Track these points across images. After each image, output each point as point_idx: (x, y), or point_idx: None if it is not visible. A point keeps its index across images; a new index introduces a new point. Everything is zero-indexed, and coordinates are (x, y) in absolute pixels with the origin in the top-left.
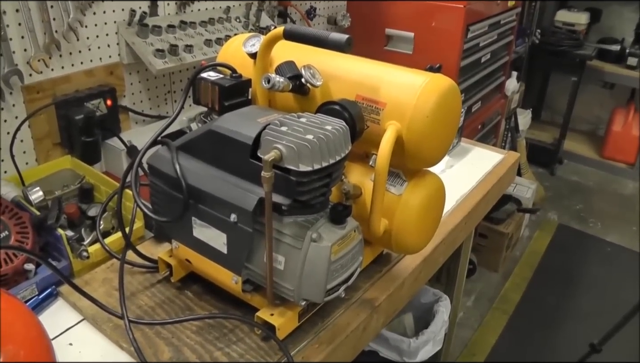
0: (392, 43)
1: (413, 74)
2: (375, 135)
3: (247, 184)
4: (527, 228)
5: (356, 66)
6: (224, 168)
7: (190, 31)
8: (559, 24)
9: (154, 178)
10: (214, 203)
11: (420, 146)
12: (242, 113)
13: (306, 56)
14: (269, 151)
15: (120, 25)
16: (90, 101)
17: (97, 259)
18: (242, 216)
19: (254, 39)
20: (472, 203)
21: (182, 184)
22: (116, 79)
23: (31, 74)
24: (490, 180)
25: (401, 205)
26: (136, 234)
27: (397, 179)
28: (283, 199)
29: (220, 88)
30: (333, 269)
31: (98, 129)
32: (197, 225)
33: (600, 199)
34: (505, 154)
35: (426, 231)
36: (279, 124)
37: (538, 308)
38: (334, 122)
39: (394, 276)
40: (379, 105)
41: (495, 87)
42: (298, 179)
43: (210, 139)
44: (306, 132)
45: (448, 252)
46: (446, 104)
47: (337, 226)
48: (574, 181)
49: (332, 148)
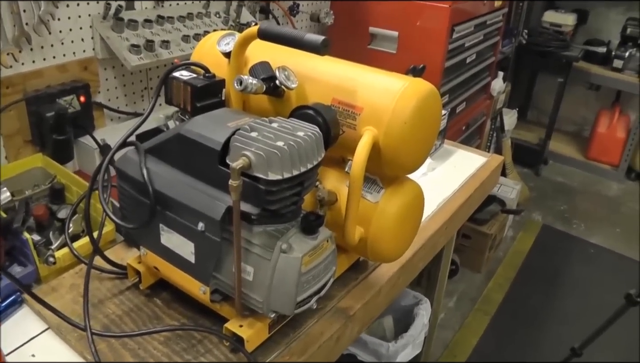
0: (375, 42)
1: (392, 77)
2: (351, 140)
3: (216, 191)
4: (511, 229)
5: (333, 68)
6: (192, 173)
7: (167, 26)
8: (546, 25)
9: (121, 181)
10: (182, 211)
11: (397, 152)
12: (212, 116)
13: (282, 56)
14: (238, 158)
15: (95, 18)
16: (62, 97)
17: (65, 264)
18: (210, 225)
19: (229, 37)
20: (454, 207)
21: (149, 189)
22: (90, 75)
23: (0, 69)
24: (473, 184)
25: (377, 213)
26: (107, 237)
27: (373, 186)
28: (252, 208)
29: (193, 88)
30: (304, 280)
31: (70, 126)
32: (164, 232)
33: (585, 200)
34: (488, 157)
35: (403, 239)
36: (249, 130)
37: (520, 309)
38: (306, 128)
39: (370, 284)
40: (355, 110)
41: (480, 87)
42: (267, 188)
43: (178, 144)
44: (277, 138)
45: (428, 257)
46: (425, 109)
47: (309, 237)
48: (559, 181)
49: (303, 156)
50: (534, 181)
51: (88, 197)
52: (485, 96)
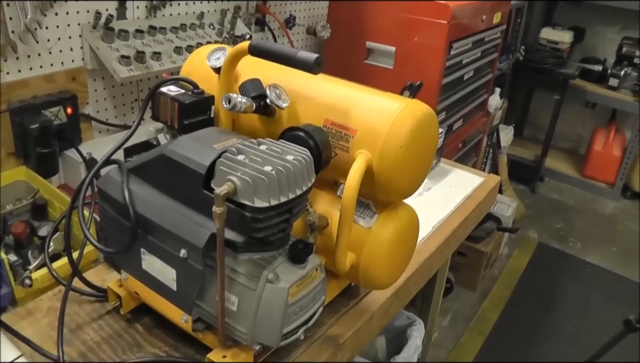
0: (372, 56)
1: (387, 99)
2: (344, 163)
3: (200, 216)
4: (507, 246)
5: (327, 87)
6: (176, 196)
7: (159, 37)
8: (543, 42)
9: (102, 202)
10: (164, 236)
11: (392, 177)
12: (198, 137)
13: (274, 73)
14: (223, 183)
15: (84, 27)
16: (48, 108)
17: (43, 285)
18: (193, 252)
19: (219, 52)
20: (449, 229)
21: (130, 212)
22: (79, 85)
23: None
24: (469, 205)
25: (370, 239)
26: (89, 257)
27: (366, 210)
28: (237, 236)
29: (180, 105)
30: (291, 312)
31: (55, 139)
32: (145, 257)
33: (581, 218)
34: (485, 177)
35: (397, 266)
36: (236, 152)
37: (515, 329)
38: (296, 151)
39: (361, 310)
40: (349, 131)
41: (477, 104)
42: (253, 216)
43: (162, 165)
44: (265, 162)
45: (422, 282)
46: (422, 133)
47: (297, 266)
48: (555, 199)
49: (292, 181)
50: (529, 198)
51: (68, 216)
52: (482, 113)
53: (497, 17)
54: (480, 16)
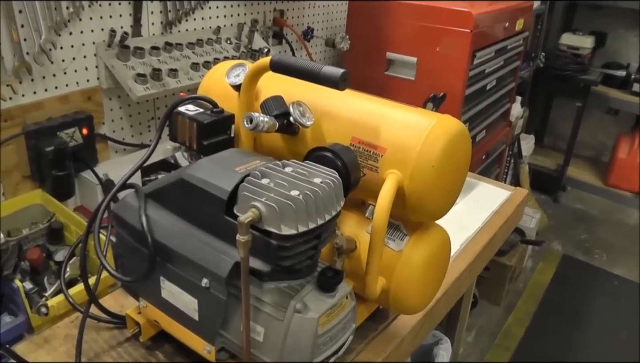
0: (393, 68)
1: (417, 115)
2: (372, 184)
3: (222, 244)
4: (531, 259)
5: (353, 104)
6: (196, 223)
7: (175, 53)
8: (563, 47)
9: (119, 228)
10: (184, 264)
11: (424, 199)
12: (219, 159)
13: (297, 89)
14: (246, 209)
15: (99, 46)
16: (64, 130)
17: (60, 312)
18: (215, 282)
19: (239, 68)
20: (478, 247)
21: (148, 239)
22: (94, 105)
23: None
24: (497, 221)
25: (401, 263)
26: (106, 282)
27: (397, 232)
28: (262, 264)
29: (199, 125)
30: (320, 342)
31: (71, 161)
32: (165, 286)
33: (605, 229)
34: (512, 191)
35: (428, 290)
36: (260, 176)
37: (542, 345)
38: (324, 173)
39: (391, 335)
40: (377, 150)
41: (500, 114)
42: (280, 244)
43: (181, 189)
44: (291, 186)
45: (451, 303)
46: (455, 150)
47: (326, 294)
48: (578, 209)
49: (321, 206)
50: (552, 208)
51: (84, 242)
52: (505, 123)
53: (519, 24)
54: (503, 23)
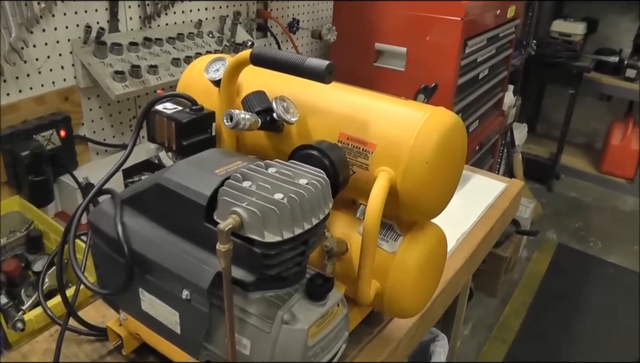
0: (382, 59)
1: (409, 108)
2: (363, 183)
3: (203, 252)
4: (526, 249)
5: (340, 98)
6: (175, 230)
7: (155, 49)
8: (555, 35)
9: (95, 237)
10: (163, 275)
11: (418, 197)
12: (198, 161)
13: (281, 83)
14: (227, 216)
15: (74, 43)
16: (40, 133)
17: (39, 325)
18: (196, 293)
19: (218, 62)
20: (474, 242)
21: (124, 249)
22: (72, 106)
23: None
24: (493, 214)
25: (395, 264)
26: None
27: (390, 232)
28: (246, 274)
29: (177, 124)
30: (311, 354)
31: (48, 165)
32: (145, 298)
33: (600, 216)
34: (508, 182)
35: (425, 292)
36: (241, 179)
37: (539, 337)
38: (310, 174)
39: (386, 338)
40: (367, 146)
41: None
42: (264, 252)
43: (158, 195)
44: (275, 189)
45: (448, 301)
46: (450, 145)
47: (316, 303)
48: (572, 197)
49: (307, 209)
50: (546, 197)
51: (60, 254)
52: (498, 112)
53: (511, 12)
54: (495, 11)
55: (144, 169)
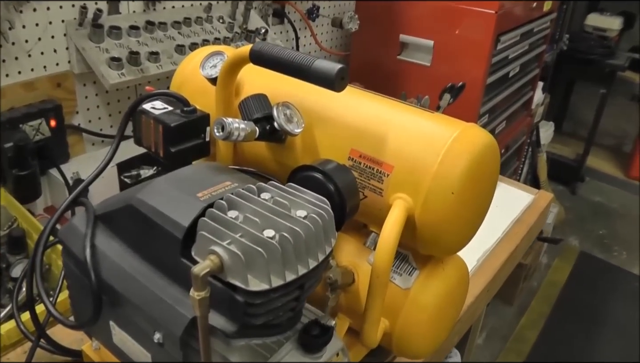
0: (407, 52)
1: (435, 123)
2: (375, 209)
3: (179, 290)
4: (546, 255)
5: (354, 106)
6: (150, 260)
7: (158, 34)
8: (589, 29)
9: (65, 257)
10: (134, 312)
11: (439, 232)
12: (179, 180)
13: (285, 85)
14: (204, 255)
15: (69, 25)
16: (27, 122)
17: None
18: (169, 339)
19: (216, 57)
20: (497, 263)
21: (91, 277)
22: (65, 93)
23: None
24: (519, 231)
25: (409, 302)
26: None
27: (404, 264)
28: (227, 323)
29: (165, 128)
30: None
31: (35, 159)
32: (116, 332)
33: (626, 224)
34: (535, 194)
35: (440, 332)
36: (226, 207)
37: (556, 351)
38: (311, 204)
39: None
40: (382, 168)
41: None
42: (248, 301)
43: (131, 218)
44: (265, 223)
45: (464, 329)
46: (481, 172)
47: (311, 355)
48: (597, 201)
49: (303, 250)
50: (569, 200)
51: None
52: (526, 113)
53: (547, 5)
54: (531, 4)
55: (144, 163)
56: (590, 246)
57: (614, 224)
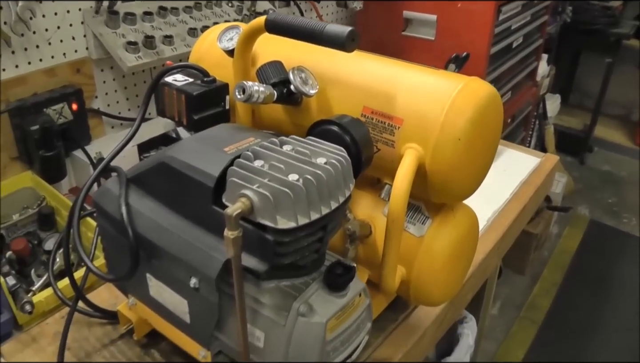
0: (411, 27)
1: (440, 78)
2: (388, 161)
3: (212, 238)
4: (556, 224)
5: (364, 67)
6: (183, 213)
7: (171, 19)
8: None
9: (101, 219)
10: (170, 261)
11: (448, 177)
12: (206, 138)
13: (299, 53)
14: (236, 199)
15: (85, 13)
16: (51, 106)
17: (49, 307)
18: (205, 282)
19: (232, 31)
20: (507, 222)
21: (129, 233)
22: (84, 78)
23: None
24: (526, 191)
25: (423, 250)
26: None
27: (417, 214)
28: (258, 263)
29: (188, 97)
30: (330, 349)
31: (59, 140)
32: (152, 284)
33: (635, 191)
34: (542, 157)
35: (454, 279)
36: (252, 157)
37: (570, 317)
38: (330, 152)
39: (412, 326)
40: (393, 121)
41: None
42: (277, 239)
43: (163, 175)
44: (289, 169)
45: (477, 285)
46: (485, 119)
47: (335, 294)
48: (606, 170)
49: (325, 192)
50: (578, 170)
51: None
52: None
53: None
54: None
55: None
56: (600, 215)
57: (622, 191)
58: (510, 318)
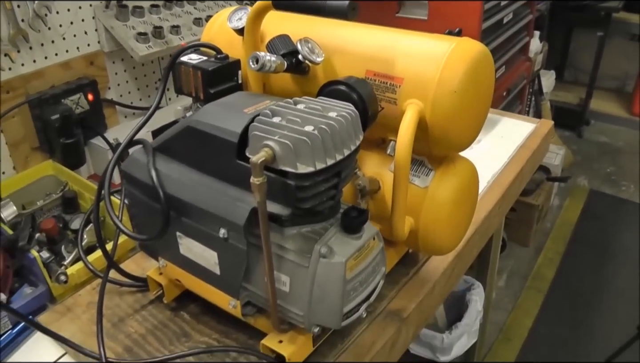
0: (404, 9)
1: (434, 40)
2: (392, 118)
3: (237, 191)
4: (557, 196)
5: (364, 36)
6: (208, 171)
7: (177, 10)
8: None
9: (130, 187)
10: (199, 216)
11: (447, 128)
12: (226, 103)
13: (304, 27)
14: (259, 149)
15: (96, 8)
16: (68, 97)
17: (80, 279)
18: (233, 231)
19: (241, 11)
20: (506, 182)
21: (159, 194)
22: (98, 70)
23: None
24: (523, 154)
25: (428, 200)
26: (126, 246)
27: (421, 168)
28: (281, 208)
29: (203, 73)
30: (350, 288)
31: (78, 128)
32: (182, 242)
33: (632, 160)
34: (537, 123)
35: (459, 227)
36: (270, 115)
37: (575, 285)
38: (339, 107)
39: (423, 279)
40: (394, 81)
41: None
42: (298, 183)
43: (189, 138)
44: (305, 122)
45: (482, 242)
46: (477, 74)
47: (352, 236)
48: (603, 142)
49: (338, 140)
50: (576, 143)
51: (96, 207)
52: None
53: None
54: None
55: None
56: (599, 184)
57: (620, 161)
58: (517, 289)
